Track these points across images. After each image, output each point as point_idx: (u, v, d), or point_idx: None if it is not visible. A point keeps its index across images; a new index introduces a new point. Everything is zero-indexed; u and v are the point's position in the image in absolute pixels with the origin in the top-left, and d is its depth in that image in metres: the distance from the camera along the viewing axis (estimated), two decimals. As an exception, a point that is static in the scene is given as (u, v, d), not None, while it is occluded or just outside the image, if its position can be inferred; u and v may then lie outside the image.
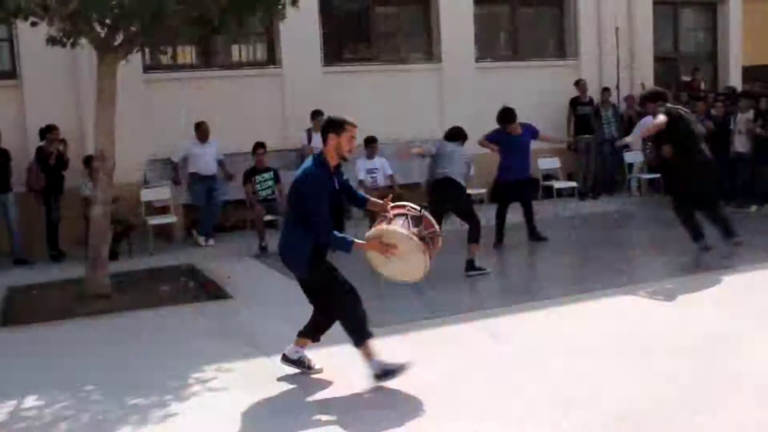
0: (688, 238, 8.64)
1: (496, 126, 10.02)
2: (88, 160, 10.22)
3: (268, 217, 10.46)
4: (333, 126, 5.29)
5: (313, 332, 5.58)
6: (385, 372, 5.20)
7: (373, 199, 5.60)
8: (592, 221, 11.68)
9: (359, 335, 5.24)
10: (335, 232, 5.18)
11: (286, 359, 5.60)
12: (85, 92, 11.05)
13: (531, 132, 10.24)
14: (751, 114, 11.83)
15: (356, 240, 5.24)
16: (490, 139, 10.13)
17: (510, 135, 10.04)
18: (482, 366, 5.57)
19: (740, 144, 11.87)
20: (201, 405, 5.13)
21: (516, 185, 10.01)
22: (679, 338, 5.97)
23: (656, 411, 4.64)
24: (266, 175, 10.64)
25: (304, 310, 5.65)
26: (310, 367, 5.58)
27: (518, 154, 10.05)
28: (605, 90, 14.35)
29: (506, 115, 10.02)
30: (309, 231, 5.18)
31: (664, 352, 5.66)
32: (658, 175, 13.38)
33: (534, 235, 10.14)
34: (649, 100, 8.79)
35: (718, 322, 6.36)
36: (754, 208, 11.70)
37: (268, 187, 10.62)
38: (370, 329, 5.27)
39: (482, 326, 6.49)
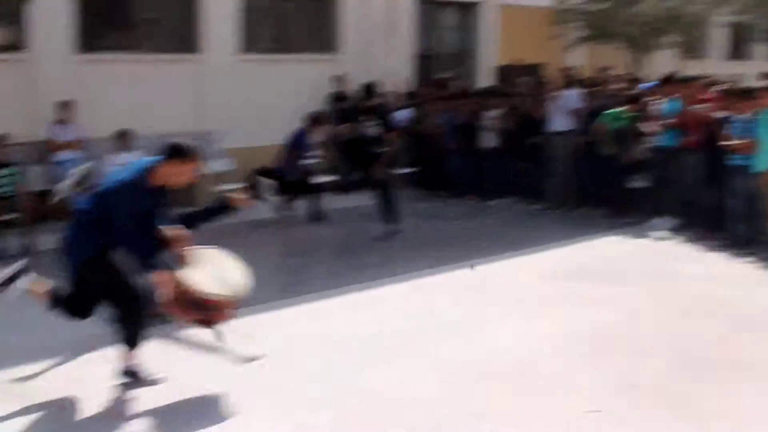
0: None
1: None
2: None
3: (4, 217, 9.56)
4: (180, 154, 4.88)
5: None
6: (132, 374, 5.13)
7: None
8: (347, 216, 11.65)
9: (130, 343, 5.08)
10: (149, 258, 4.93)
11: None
12: None
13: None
14: (498, 111, 12.48)
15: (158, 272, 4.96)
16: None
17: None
18: (230, 370, 5.50)
19: (487, 139, 12.50)
20: None
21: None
22: (430, 329, 6.27)
23: (412, 403, 4.85)
24: (5, 171, 9.76)
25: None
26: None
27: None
28: (368, 85, 14.60)
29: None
30: (106, 236, 4.86)
31: (412, 343, 5.91)
32: (414, 170, 13.77)
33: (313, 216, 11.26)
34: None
35: (463, 311, 6.76)
36: (494, 202, 12.37)
37: (7, 184, 9.74)
38: (142, 340, 5.14)
39: (236, 327, 6.35)
